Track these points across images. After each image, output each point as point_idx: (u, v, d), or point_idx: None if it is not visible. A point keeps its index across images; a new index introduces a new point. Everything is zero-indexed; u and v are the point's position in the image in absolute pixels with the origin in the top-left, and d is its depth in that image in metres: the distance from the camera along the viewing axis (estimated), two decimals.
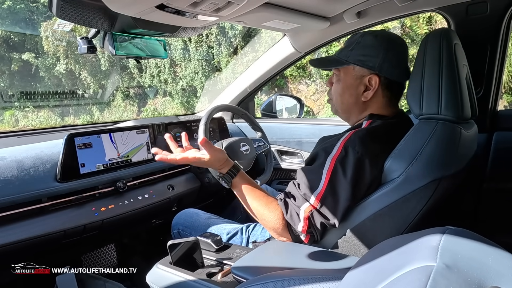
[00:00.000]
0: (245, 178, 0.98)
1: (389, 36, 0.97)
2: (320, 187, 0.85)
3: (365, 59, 0.95)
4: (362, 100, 0.97)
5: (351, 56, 0.96)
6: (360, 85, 0.96)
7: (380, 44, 0.94)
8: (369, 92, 0.96)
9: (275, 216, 0.91)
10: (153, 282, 0.91)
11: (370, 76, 0.95)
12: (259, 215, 0.94)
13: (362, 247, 0.88)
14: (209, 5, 0.80)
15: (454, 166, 0.85)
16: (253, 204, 0.94)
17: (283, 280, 0.62)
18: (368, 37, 0.96)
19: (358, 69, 0.96)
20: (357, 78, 0.97)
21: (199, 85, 8.41)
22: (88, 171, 1.18)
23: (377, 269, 0.44)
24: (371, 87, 0.95)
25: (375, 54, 0.94)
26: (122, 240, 1.58)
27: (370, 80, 0.95)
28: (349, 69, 0.98)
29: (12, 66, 9.86)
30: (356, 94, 0.97)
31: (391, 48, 0.94)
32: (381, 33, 0.97)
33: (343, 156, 0.85)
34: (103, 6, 0.78)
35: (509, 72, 5.16)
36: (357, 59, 0.95)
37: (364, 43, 0.95)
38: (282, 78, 7.32)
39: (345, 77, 0.99)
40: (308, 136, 1.72)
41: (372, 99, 0.97)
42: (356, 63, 0.96)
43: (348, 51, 0.98)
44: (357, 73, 0.97)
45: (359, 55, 0.95)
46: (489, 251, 0.40)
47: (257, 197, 0.94)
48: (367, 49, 0.95)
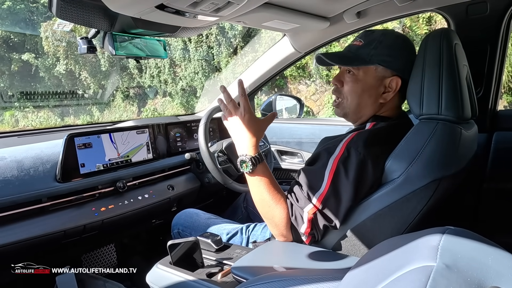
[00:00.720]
0: (266, 168, 0.93)
1: (407, 39, 0.96)
2: (323, 188, 0.85)
3: (390, 60, 0.91)
4: (380, 101, 0.94)
5: (374, 55, 0.91)
6: (380, 86, 0.93)
7: (402, 46, 0.92)
8: (389, 94, 0.93)
9: (283, 212, 0.89)
10: (153, 282, 0.91)
11: (392, 78, 0.92)
12: (267, 209, 0.91)
13: (362, 247, 0.88)
14: (209, 5, 0.80)
15: (454, 166, 0.85)
16: (267, 196, 0.90)
17: (283, 280, 0.62)
18: (391, 36, 0.92)
19: (381, 69, 0.92)
20: (378, 79, 0.93)
21: (199, 85, 8.41)
22: (88, 171, 1.18)
23: (377, 269, 0.44)
24: (390, 89, 0.93)
25: (398, 55, 0.91)
26: (122, 240, 1.58)
27: (391, 82, 0.92)
28: (371, 69, 0.93)
29: (12, 66, 9.87)
30: (375, 95, 0.94)
31: (410, 50, 0.94)
32: (399, 34, 0.96)
33: (346, 157, 0.85)
34: (103, 6, 0.78)
35: (509, 72, 5.16)
36: (382, 59, 0.91)
37: (387, 43, 0.91)
38: (282, 78, 7.33)
39: (365, 77, 0.93)
40: (308, 136, 1.72)
41: (389, 101, 0.94)
42: (380, 63, 0.91)
43: (370, 49, 0.92)
44: (379, 73, 0.92)
45: (383, 55, 0.91)
46: (489, 251, 0.40)
47: (272, 189, 0.91)
48: (391, 49, 0.91)
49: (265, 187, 0.91)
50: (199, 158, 1.50)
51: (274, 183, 0.93)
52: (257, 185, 0.92)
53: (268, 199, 0.91)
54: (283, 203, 0.90)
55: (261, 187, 0.91)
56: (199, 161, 1.52)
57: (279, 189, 0.93)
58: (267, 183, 0.92)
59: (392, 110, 0.97)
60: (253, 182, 0.93)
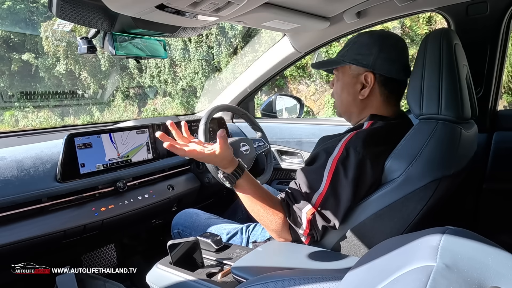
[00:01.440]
0: (250, 179, 0.94)
1: (384, 34, 0.98)
2: (322, 188, 0.85)
3: (359, 58, 0.96)
4: (359, 98, 0.98)
5: (347, 56, 0.99)
6: (357, 83, 0.98)
7: (374, 42, 0.95)
8: (365, 90, 0.97)
9: (278, 218, 0.90)
10: (153, 282, 0.91)
11: (365, 73, 0.96)
12: (261, 217, 0.92)
13: (362, 247, 0.88)
14: (209, 5, 0.80)
15: (454, 166, 0.85)
16: (256, 206, 0.91)
17: (283, 280, 0.62)
18: (364, 36, 0.98)
19: (354, 67, 0.98)
20: (353, 77, 0.98)
21: (199, 85, 8.41)
22: (88, 171, 1.18)
23: (377, 269, 0.44)
24: (367, 84, 0.96)
25: (368, 52, 0.95)
26: (122, 240, 1.58)
27: (366, 77, 0.96)
28: (346, 68, 1.00)
29: (12, 66, 9.87)
30: (353, 92, 0.99)
31: (386, 45, 0.95)
32: (377, 32, 0.99)
33: (345, 157, 0.85)
34: (103, 6, 0.78)
35: (509, 72, 5.16)
36: (352, 58, 0.97)
37: (360, 42, 0.98)
38: (282, 78, 7.32)
39: (343, 76, 1.01)
40: (308, 136, 1.72)
41: (370, 98, 0.97)
42: (351, 62, 0.98)
43: (345, 51, 1.00)
44: (353, 71, 0.98)
45: (354, 54, 0.97)
46: (489, 251, 0.40)
47: (260, 199, 0.92)
48: (361, 48, 0.96)
49: (253, 196, 0.91)
50: None
51: (261, 191, 0.92)
52: (245, 196, 0.92)
53: (259, 207, 0.91)
54: (276, 208, 0.90)
55: (250, 197, 0.92)
56: (199, 161, 1.52)
57: (269, 196, 0.92)
58: (254, 191, 0.91)
59: (382, 108, 0.98)
60: (241, 195, 0.93)
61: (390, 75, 0.95)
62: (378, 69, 0.95)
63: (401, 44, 0.98)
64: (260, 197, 0.92)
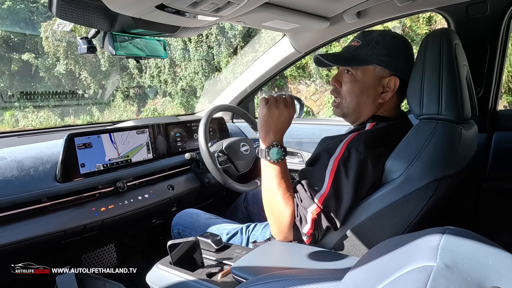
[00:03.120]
0: (286, 162, 0.93)
1: (404, 38, 0.96)
2: (324, 188, 0.85)
3: (387, 60, 0.91)
4: (378, 101, 0.95)
5: (372, 55, 0.92)
6: (379, 86, 0.93)
7: (402, 45, 0.93)
8: (387, 94, 0.93)
9: (290, 211, 0.88)
10: (153, 282, 0.91)
11: (391, 77, 0.92)
12: (277, 204, 0.89)
13: (362, 247, 0.88)
14: (209, 5, 0.80)
15: (454, 166, 0.85)
16: (281, 191, 0.89)
17: (283, 280, 0.62)
18: (388, 36, 0.93)
19: (379, 69, 0.92)
20: (376, 79, 0.93)
21: (199, 85, 8.41)
22: (88, 171, 1.18)
23: (377, 269, 0.44)
24: (388, 89, 0.93)
25: (396, 55, 0.92)
26: (122, 240, 1.58)
27: (390, 81, 0.92)
28: (369, 69, 0.93)
29: (12, 66, 9.87)
30: (374, 95, 0.94)
31: (408, 50, 0.94)
32: (397, 34, 0.96)
33: (346, 157, 0.85)
34: (103, 6, 0.78)
35: (509, 72, 5.16)
36: (380, 59, 0.91)
37: (385, 43, 0.92)
38: (282, 78, 7.33)
39: (364, 77, 0.94)
40: (308, 136, 1.72)
41: (388, 101, 0.95)
42: (378, 63, 0.92)
43: (367, 49, 0.92)
44: (377, 73, 0.93)
45: (381, 55, 0.91)
46: (489, 251, 0.40)
47: (288, 185, 0.90)
48: (389, 49, 0.91)
49: (282, 180, 0.90)
50: (199, 158, 1.50)
51: (289, 180, 0.92)
52: (275, 177, 0.90)
53: (281, 193, 0.89)
54: (291, 201, 0.89)
55: (278, 180, 0.90)
56: (199, 161, 1.52)
57: (291, 187, 0.92)
58: (285, 177, 0.91)
59: (391, 110, 0.97)
60: (273, 173, 0.90)
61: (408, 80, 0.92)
62: (404, 75, 0.92)
63: (412, 48, 0.97)
64: (288, 182, 0.91)
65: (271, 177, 0.91)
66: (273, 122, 0.91)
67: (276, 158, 0.89)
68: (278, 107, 0.91)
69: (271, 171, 0.91)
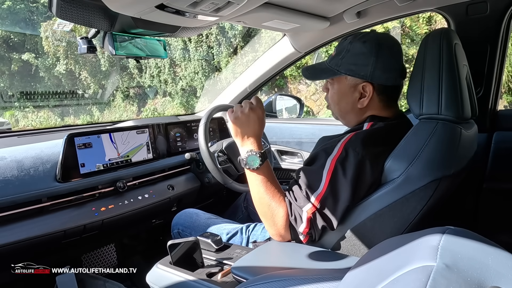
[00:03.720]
0: (270, 165, 0.94)
1: (378, 40, 0.92)
2: (321, 188, 0.85)
3: (356, 69, 0.92)
4: (358, 107, 0.96)
5: (342, 65, 0.94)
6: (355, 92, 0.95)
7: (369, 51, 0.91)
8: (364, 100, 0.94)
9: (283, 212, 0.88)
10: (153, 282, 0.91)
11: (364, 84, 0.93)
12: (267, 208, 0.90)
13: (362, 247, 0.88)
14: (209, 5, 0.80)
15: (454, 166, 0.85)
16: (268, 195, 0.90)
17: (283, 280, 0.62)
18: (357, 44, 0.93)
19: (351, 78, 0.94)
20: (351, 87, 0.95)
21: (199, 85, 8.41)
22: (88, 171, 1.18)
23: (377, 269, 0.44)
24: (365, 94, 0.94)
25: (365, 63, 0.91)
26: (122, 240, 1.58)
27: (364, 88, 0.93)
28: (342, 78, 0.96)
29: (12, 66, 9.87)
30: (352, 101, 0.96)
31: (382, 53, 0.91)
32: (370, 37, 0.93)
33: (344, 157, 0.85)
34: (103, 6, 0.78)
35: (509, 72, 5.16)
36: (348, 68, 0.93)
37: (354, 51, 0.93)
38: (282, 78, 7.33)
39: (339, 86, 0.97)
40: (308, 136, 1.72)
41: (368, 105, 0.95)
42: (347, 73, 0.94)
43: (338, 59, 0.95)
44: (350, 82, 0.95)
45: (349, 64, 0.93)
46: (489, 251, 0.40)
47: (275, 188, 0.91)
48: (357, 57, 0.92)
49: (268, 184, 0.91)
50: (199, 158, 1.50)
51: (276, 181, 0.93)
52: (260, 183, 0.91)
53: (270, 197, 0.90)
54: (283, 201, 0.90)
55: (264, 185, 0.91)
56: (199, 161, 1.52)
57: (280, 188, 0.93)
58: (270, 180, 0.92)
59: (381, 111, 0.96)
60: (257, 180, 0.92)
61: (388, 83, 0.93)
62: (376, 80, 0.92)
63: (396, 48, 0.95)
64: (275, 185, 0.92)
65: (256, 184, 0.92)
66: (243, 129, 0.93)
67: (256, 166, 0.91)
68: (244, 112, 0.93)
69: (254, 178, 0.92)
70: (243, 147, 0.94)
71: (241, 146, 0.95)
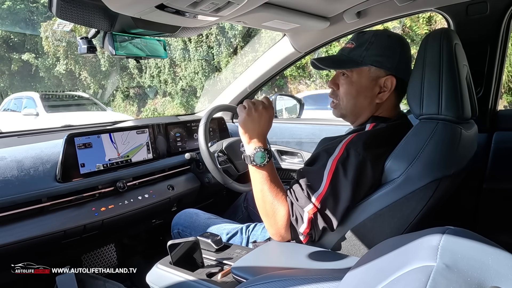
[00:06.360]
0: (273, 164, 0.95)
1: (400, 37, 0.96)
2: (322, 188, 0.85)
3: (382, 60, 0.91)
4: (376, 102, 0.95)
5: (366, 57, 0.92)
6: (375, 86, 0.93)
7: (396, 44, 0.92)
8: (384, 94, 0.93)
9: (285, 211, 0.88)
10: (153, 282, 0.91)
11: (387, 77, 0.92)
12: (270, 206, 0.90)
13: (362, 247, 0.88)
14: (209, 5, 0.80)
15: (454, 166, 0.85)
16: (272, 193, 0.90)
17: (283, 280, 0.62)
18: (382, 36, 0.93)
19: (374, 70, 0.92)
20: (372, 80, 0.93)
21: (199, 85, 8.41)
22: (88, 171, 1.18)
23: (377, 269, 0.44)
24: (385, 88, 0.93)
25: (391, 55, 0.91)
26: (122, 240, 1.58)
27: (386, 81, 0.92)
28: (364, 70, 0.93)
29: (12, 66, 9.88)
30: (371, 96, 0.94)
31: (404, 49, 0.94)
32: (392, 33, 0.96)
33: (345, 158, 0.85)
34: (103, 6, 0.78)
35: (509, 72, 5.16)
36: (374, 59, 0.91)
37: (379, 43, 0.92)
38: (282, 78, 7.33)
39: (359, 79, 0.94)
40: (308, 136, 1.72)
41: (385, 101, 0.95)
42: (373, 64, 0.92)
43: (362, 50, 0.93)
44: (373, 74, 0.93)
45: (375, 55, 0.91)
46: (489, 251, 0.40)
47: (277, 186, 0.91)
48: (382, 49, 0.91)
49: (271, 183, 0.91)
50: (199, 158, 1.50)
51: (279, 180, 0.93)
52: (264, 181, 0.91)
53: (273, 196, 0.90)
54: (285, 201, 0.90)
55: (267, 183, 0.91)
56: (199, 161, 1.52)
57: (283, 187, 0.92)
58: (274, 179, 0.92)
59: (390, 110, 0.97)
60: (261, 177, 0.91)
61: (407, 79, 0.93)
62: (401, 74, 0.92)
63: (409, 48, 0.97)
64: (278, 183, 0.92)
65: (260, 181, 0.92)
66: (254, 126, 0.93)
67: (261, 162, 0.91)
68: (257, 110, 0.93)
69: (259, 176, 0.92)
70: (251, 144, 0.93)
71: (248, 143, 0.94)
